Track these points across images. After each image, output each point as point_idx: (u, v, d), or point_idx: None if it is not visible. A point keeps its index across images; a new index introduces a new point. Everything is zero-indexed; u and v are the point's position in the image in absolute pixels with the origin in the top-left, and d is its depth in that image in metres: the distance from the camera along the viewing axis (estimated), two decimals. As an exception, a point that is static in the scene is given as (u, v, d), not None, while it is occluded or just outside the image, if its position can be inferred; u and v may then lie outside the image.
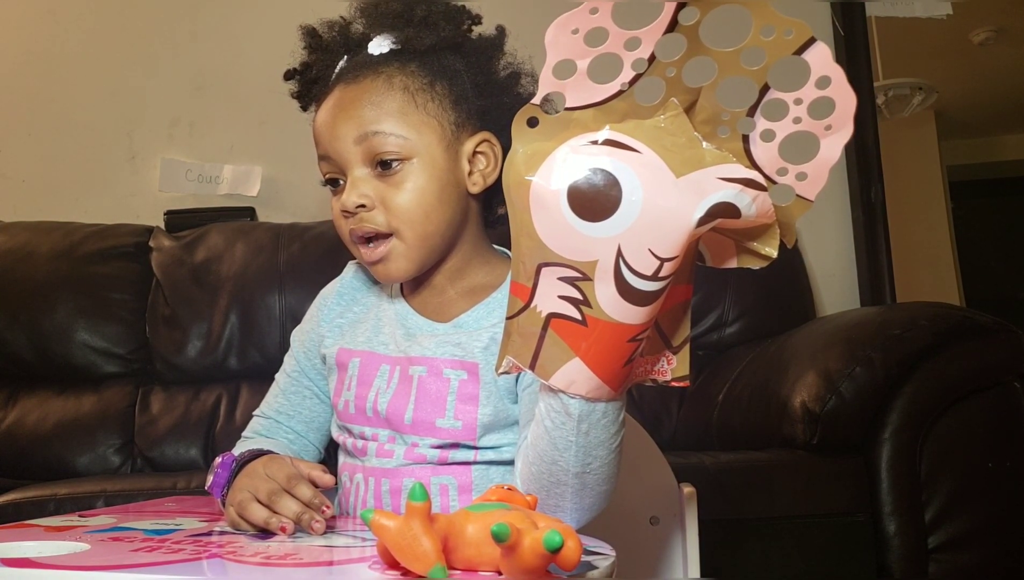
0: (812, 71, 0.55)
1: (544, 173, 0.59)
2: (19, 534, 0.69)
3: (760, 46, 0.55)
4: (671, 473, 1.01)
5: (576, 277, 0.60)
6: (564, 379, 0.62)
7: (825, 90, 0.56)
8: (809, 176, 0.59)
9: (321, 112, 0.90)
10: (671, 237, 0.58)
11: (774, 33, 0.54)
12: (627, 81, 0.58)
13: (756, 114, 0.58)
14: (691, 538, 0.97)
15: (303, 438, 0.97)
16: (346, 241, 0.90)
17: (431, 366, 0.86)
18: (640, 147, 0.58)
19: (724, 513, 1.40)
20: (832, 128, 0.57)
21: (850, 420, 1.48)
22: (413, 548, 0.51)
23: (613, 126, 0.59)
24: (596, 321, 0.60)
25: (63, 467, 1.79)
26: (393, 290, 0.96)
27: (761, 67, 0.56)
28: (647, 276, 0.58)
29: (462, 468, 0.85)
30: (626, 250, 0.58)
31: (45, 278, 1.95)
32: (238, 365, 1.96)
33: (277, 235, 2.02)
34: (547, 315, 0.61)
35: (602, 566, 0.57)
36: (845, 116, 0.57)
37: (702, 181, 0.58)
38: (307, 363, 0.98)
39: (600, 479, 0.69)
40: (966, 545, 1.48)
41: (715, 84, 0.58)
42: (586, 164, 0.58)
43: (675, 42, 0.56)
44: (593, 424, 0.65)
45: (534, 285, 0.61)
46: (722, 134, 0.59)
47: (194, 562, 0.59)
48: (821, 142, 0.58)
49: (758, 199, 0.59)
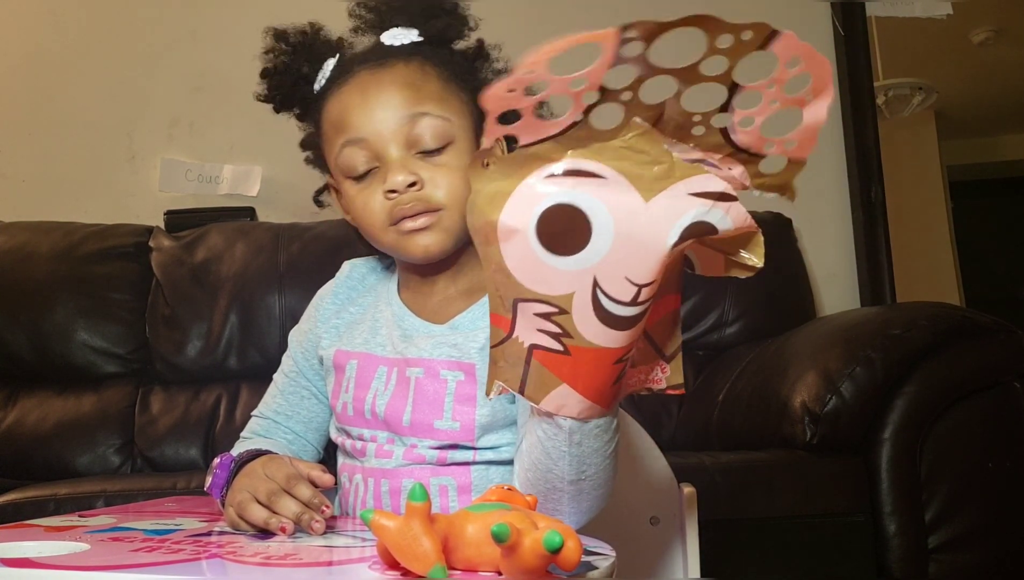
0: (780, 58, 0.53)
1: (509, 212, 0.57)
2: (19, 534, 0.69)
3: (719, 55, 0.53)
4: (671, 473, 1.01)
5: (552, 312, 0.58)
6: (554, 403, 0.62)
7: (796, 68, 0.53)
8: (798, 142, 0.57)
9: (350, 96, 0.87)
10: (646, 263, 0.56)
11: (731, 40, 0.52)
12: (581, 112, 0.56)
13: (730, 108, 0.56)
14: (691, 538, 0.97)
15: (301, 438, 0.97)
16: (378, 230, 0.87)
17: (428, 367, 0.86)
18: (604, 171, 0.56)
19: (724, 513, 1.40)
20: (812, 95, 0.55)
21: (850, 420, 1.48)
22: (413, 548, 0.51)
23: (573, 153, 0.57)
24: (579, 349, 0.59)
25: (63, 467, 1.79)
26: (390, 290, 0.96)
27: (724, 72, 0.54)
28: (626, 302, 0.57)
29: (461, 468, 0.85)
30: (602, 280, 0.57)
31: (45, 278, 1.95)
32: (238, 365, 1.96)
33: (277, 235, 2.02)
34: (529, 346, 0.60)
35: (602, 566, 0.57)
36: (823, 82, 0.54)
37: (673, 201, 0.56)
38: (305, 364, 0.98)
39: (596, 484, 0.69)
40: (966, 545, 1.48)
41: (679, 96, 0.56)
42: (550, 199, 0.56)
43: (623, 72, 0.54)
44: (586, 435, 0.64)
45: (513, 317, 0.60)
46: (697, 133, 0.58)
47: (194, 562, 0.59)
48: (803, 111, 0.56)
49: (731, 210, 0.57)
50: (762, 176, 0.59)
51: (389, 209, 0.85)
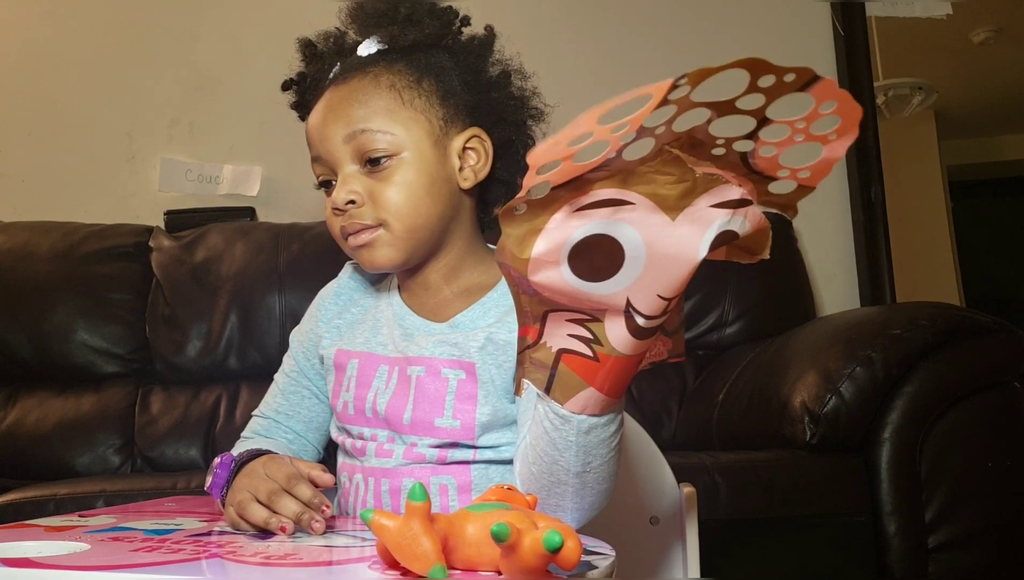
0: (816, 101, 0.53)
1: (540, 248, 0.58)
2: (19, 534, 0.69)
3: (758, 93, 0.53)
4: (671, 473, 1.01)
5: (585, 319, 0.60)
6: (578, 404, 0.64)
7: (830, 110, 0.54)
8: (811, 172, 0.58)
9: (313, 115, 0.91)
10: (677, 279, 0.58)
11: (772, 80, 0.52)
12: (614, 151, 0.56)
13: (755, 137, 0.57)
14: (691, 538, 0.97)
15: (302, 438, 0.98)
16: (337, 239, 0.91)
17: (429, 366, 0.86)
18: (632, 197, 0.57)
19: (724, 513, 1.40)
20: (835, 135, 0.56)
21: (850, 420, 1.48)
22: (413, 548, 0.51)
23: (601, 184, 0.57)
24: (607, 357, 0.61)
25: (63, 467, 1.79)
26: (390, 290, 0.96)
27: (759, 108, 0.54)
28: (656, 316, 0.59)
29: (461, 468, 0.85)
30: (635, 299, 0.58)
31: (45, 278, 1.95)
32: (238, 365, 1.96)
33: (277, 235, 2.02)
34: (558, 351, 0.62)
35: (602, 566, 0.57)
36: (851, 125, 0.55)
37: (697, 215, 0.57)
38: (306, 363, 0.98)
39: (600, 478, 0.70)
40: (966, 545, 1.48)
41: (709, 122, 0.56)
42: (581, 231, 0.57)
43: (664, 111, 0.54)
44: (593, 425, 0.65)
45: (541, 327, 0.62)
46: (717, 153, 0.58)
47: (194, 562, 0.59)
48: (824, 147, 0.57)
49: (750, 214, 0.59)
50: (769, 195, 0.60)
51: (337, 224, 0.89)
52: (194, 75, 2.30)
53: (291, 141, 2.22)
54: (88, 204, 2.21)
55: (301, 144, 0.93)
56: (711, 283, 2.01)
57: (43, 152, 2.27)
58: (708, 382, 1.90)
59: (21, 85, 2.30)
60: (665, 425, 1.93)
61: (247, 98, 2.28)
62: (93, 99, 2.29)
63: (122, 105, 2.29)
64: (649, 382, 1.97)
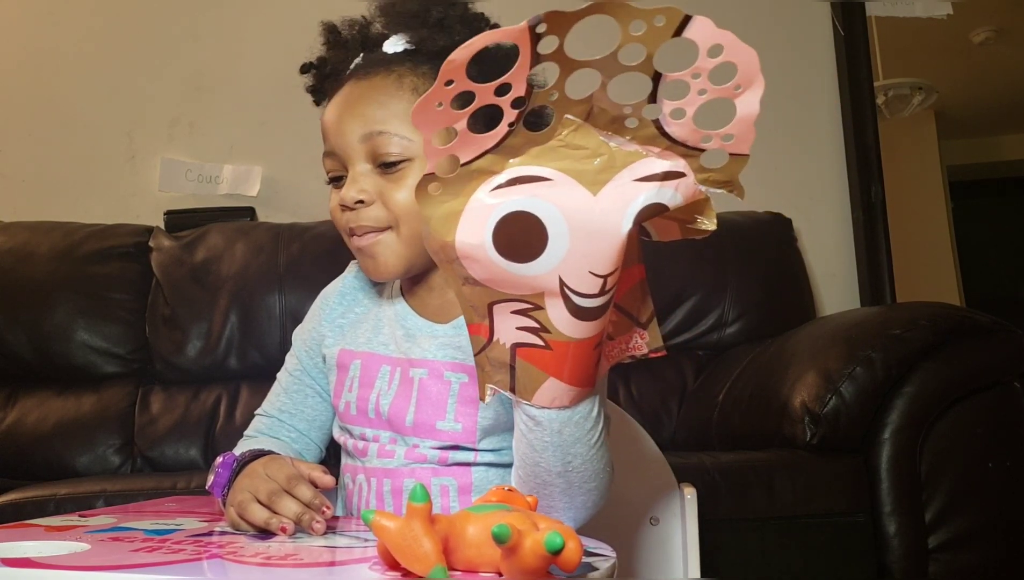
0: (700, 46, 0.53)
1: (464, 230, 0.58)
2: (19, 534, 0.69)
3: (635, 42, 0.53)
4: (671, 473, 1.01)
5: (528, 308, 0.60)
6: (547, 397, 0.63)
7: (720, 57, 0.54)
8: (736, 135, 0.57)
9: (330, 107, 0.90)
10: (606, 254, 0.57)
11: (644, 27, 0.52)
12: (512, 120, 0.56)
13: (658, 98, 0.57)
14: (691, 538, 0.97)
15: (305, 436, 0.98)
16: (342, 231, 0.90)
17: (432, 369, 0.86)
18: (549, 173, 0.57)
19: (724, 513, 1.40)
20: (742, 86, 0.55)
21: (850, 420, 1.48)
22: (414, 549, 0.51)
23: (514, 161, 0.58)
24: (559, 343, 0.60)
25: (63, 467, 1.79)
26: (393, 290, 0.96)
27: (644, 60, 0.54)
28: (594, 294, 0.58)
29: (462, 469, 0.85)
30: (567, 278, 0.58)
31: (45, 278, 1.95)
32: (238, 365, 1.96)
33: (277, 235, 2.02)
34: (512, 346, 0.61)
35: (603, 567, 0.57)
36: (750, 72, 0.54)
37: (620, 190, 0.57)
38: (309, 362, 0.98)
39: (586, 477, 0.70)
40: (966, 545, 1.48)
41: (604, 87, 0.56)
42: (500, 209, 0.57)
43: (546, 70, 0.55)
44: (565, 423, 0.66)
45: (490, 323, 0.61)
46: (631, 125, 0.58)
47: (194, 562, 0.59)
48: (735, 102, 0.56)
49: (680, 186, 0.58)
50: (706, 171, 0.60)
51: (343, 220, 0.88)
52: (194, 75, 2.30)
53: (291, 141, 2.23)
54: (88, 204, 2.21)
55: (301, 144, 0.93)
56: (711, 283, 2.01)
57: (43, 152, 2.27)
58: (708, 382, 1.90)
59: (21, 85, 2.30)
60: (665, 425, 1.93)
61: (247, 98, 2.28)
62: (93, 99, 2.29)
63: (122, 105, 2.28)
64: (649, 382, 1.97)
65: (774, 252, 2.09)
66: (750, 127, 0.57)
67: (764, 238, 2.08)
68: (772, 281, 2.05)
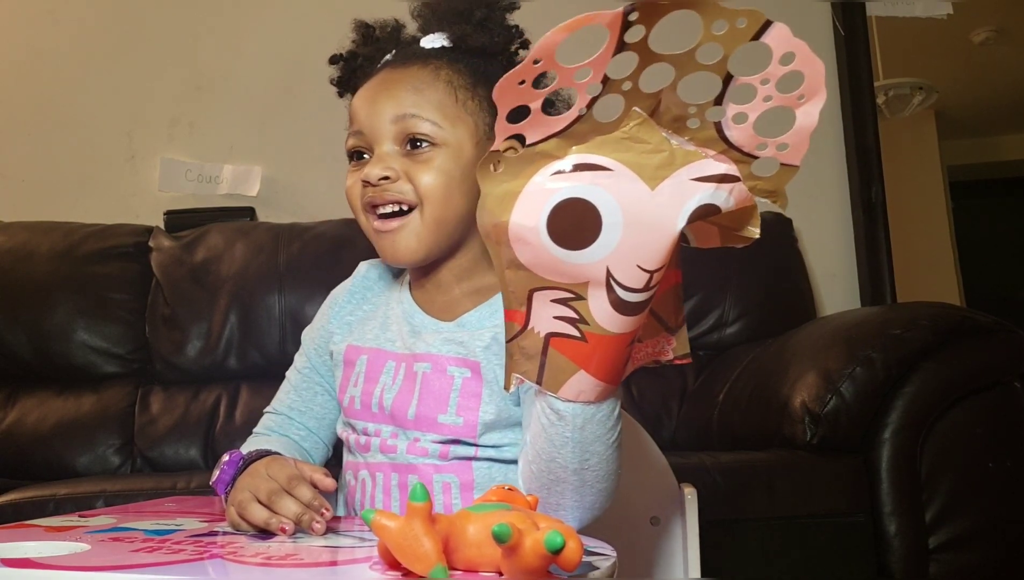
0: (774, 52, 0.54)
1: (520, 212, 0.59)
2: (19, 534, 0.69)
3: (714, 41, 0.54)
4: (671, 473, 1.01)
5: (569, 297, 0.60)
6: (573, 390, 0.63)
7: (790, 65, 0.55)
8: (790, 145, 0.58)
9: (362, 91, 0.91)
10: (657, 250, 0.58)
11: (726, 27, 0.53)
12: (584, 106, 0.57)
13: (724, 101, 0.58)
14: (691, 538, 0.97)
15: (314, 434, 0.98)
16: (358, 213, 0.90)
17: (435, 363, 0.87)
18: (609, 163, 0.58)
19: (724, 513, 1.40)
20: (805, 97, 0.56)
21: (850, 420, 1.48)
22: (414, 548, 0.51)
23: (577, 148, 0.58)
24: (595, 336, 0.60)
25: (63, 467, 1.78)
26: (402, 288, 0.96)
27: (719, 60, 0.55)
28: (639, 289, 0.59)
29: (464, 466, 0.86)
30: (615, 270, 0.58)
31: (45, 278, 1.95)
32: (238, 365, 1.96)
33: (277, 235, 2.02)
34: (546, 335, 0.62)
35: (603, 566, 0.57)
36: (816, 84, 0.55)
37: (678, 187, 0.57)
38: (318, 360, 0.99)
39: (600, 476, 0.70)
40: (967, 545, 1.48)
41: (675, 84, 0.57)
42: (559, 195, 0.57)
43: (626, 60, 0.55)
44: (588, 419, 0.66)
45: (528, 310, 0.62)
46: (692, 125, 0.59)
47: (195, 562, 0.59)
48: (796, 112, 0.57)
49: (734, 190, 0.58)
50: (755, 178, 0.60)
51: (363, 193, 0.89)
52: (194, 75, 2.30)
53: (291, 141, 2.23)
54: (88, 204, 2.21)
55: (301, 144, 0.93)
56: (711, 283, 2.01)
57: (43, 152, 2.27)
58: (708, 382, 1.90)
59: (21, 85, 2.30)
60: (665, 425, 1.93)
61: (247, 98, 2.28)
62: (93, 99, 2.29)
63: (122, 105, 2.28)
64: (649, 382, 1.97)
65: (774, 252, 2.09)
66: (805, 138, 0.58)
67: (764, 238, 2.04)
68: (772, 281, 2.05)
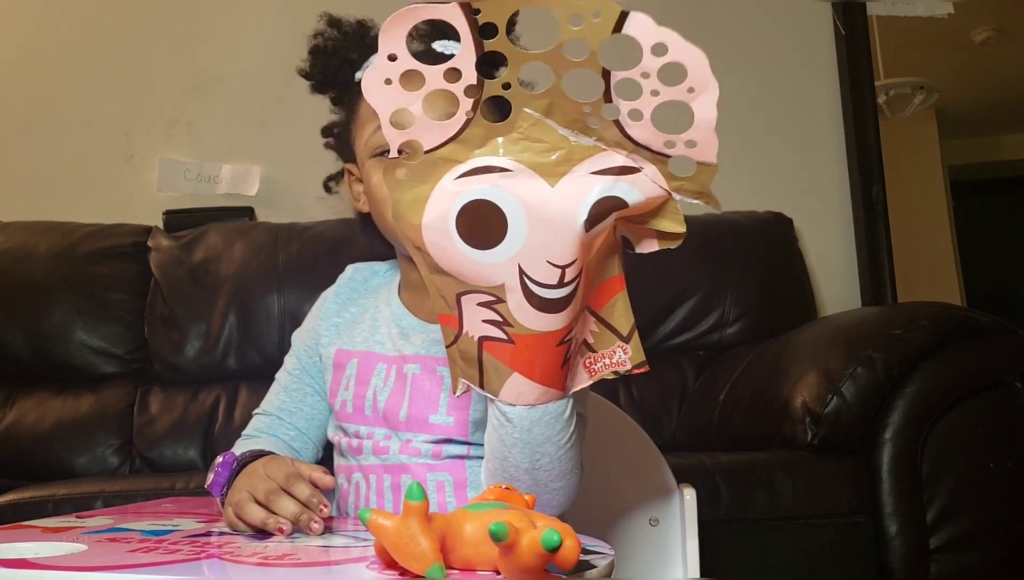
0: (643, 44, 0.54)
1: (429, 215, 0.60)
2: (17, 535, 0.69)
3: (577, 37, 0.54)
4: (671, 474, 1.01)
5: (492, 300, 0.61)
6: (511, 393, 0.64)
7: (665, 56, 0.54)
8: (698, 141, 0.58)
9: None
10: (563, 245, 0.59)
11: (583, 21, 0.53)
12: (469, 108, 0.58)
13: (613, 98, 0.58)
14: (691, 538, 0.96)
15: (304, 435, 0.98)
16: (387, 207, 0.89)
17: (424, 364, 0.88)
18: (508, 164, 0.59)
19: (724, 513, 1.40)
20: (695, 90, 0.55)
21: (851, 420, 1.47)
22: (411, 547, 0.51)
23: (478, 151, 0.59)
24: (521, 337, 0.62)
25: (62, 467, 1.78)
26: (390, 291, 0.97)
27: (589, 56, 0.55)
28: (553, 285, 0.60)
29: (457, 464, 0.86)
30: (526, 267, 0.59)
31: (43, 278, 1.95)
32: (237, 365, 1.95)
33: (276, 235, 2.02)
34: (478, 339, 0.63)
35: (600, 565, 0.57)
36: (701, 75, 0.55)
37: (577, 181, 0.58)
38: (308, 361, 0.99)
39: (553, 475, 0.71)
40: (968, 545, 1.47)
41: (559, 84, 0.58)
42: (463, 198, 0.59)
43: (494, 59, 0.56)
44: (535, 422, 0.67)
45: (459, 314, 0.63)
46: (593, 125, 0.59)
47: (192, 562, 0.59)
48: (692, 106, 0.56)
49: (637, 182, 0.59)
50: (677, 179, 0.61)
51: None
52: (193, 75, 2.30)
53: (290, 141, 2.23)
54: (87, 204, 2.21)
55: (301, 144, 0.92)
56: (711, 283, 2.00)
57: (42, 152, 2.27)
58: (708, 382, 1.90)
59: (20, 85, 2.29)
60: (665, 425, 1.93)
61: (246, 98, 2.28)
62: (92, 99, 2.28)
63: (121, 105, 2.28)
64: (649, 382, 1.96)
65: (775, 252, 2.08)
66: (711, 133, 0.57)
67: (764, 238, 2.08)
68: (773, 281, 2.05)
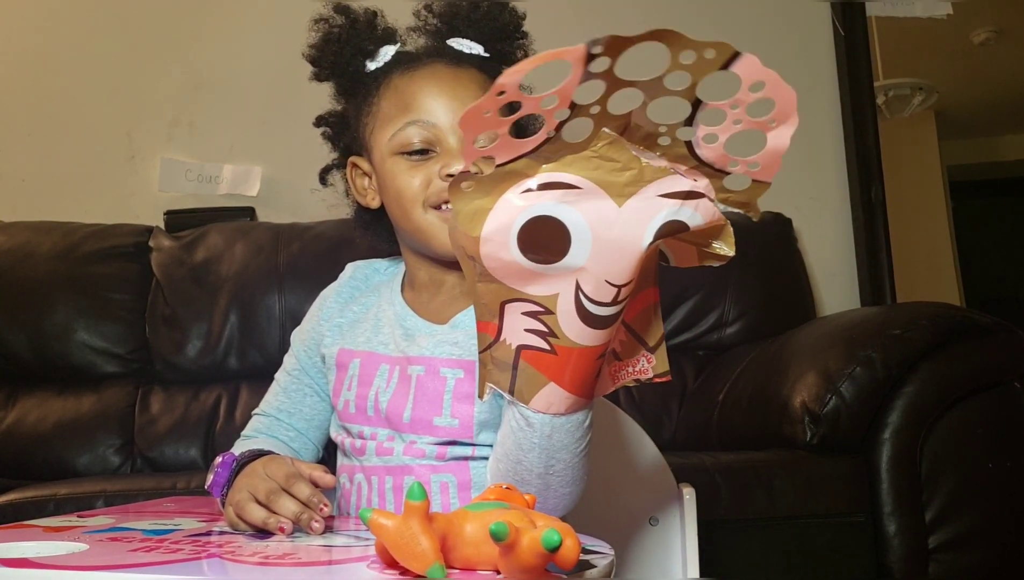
0: (743, 81, 0.54)
1: (490, 227, 0.60)
2: (18, 534, 0.69)
3: (682, 70, 0.54)
4: (671, 474, 1.01)
5: (539, 311, 0.61)
6: (543, 402, 0.64)
7: (760, 93, 0.55)
8: (761, 165, 0.59)
9: (420, 80, 0.90)
10: (624, 265, 0.59)
11: (694, 57, 0.53)
12: (552, 129, 0.58)
13: (695, 123, 0.58)
14: (691, 538, 0.97)
15: (303, 435, 0.98)
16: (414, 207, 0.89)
17: (429, 365, 0.87)
18: (578, 181, 0.59)
19: (724, 513, 1.40)
20: (776, 121, 0.57)
21: (850, 420, 1.47)
22: (411, 547, 0.51)
23: (547, 167, 0.59)
24: (564, 349, 0.62)
25: (63, 467, 1.78)
26: (392, 291, 0.96)
27: (688, 87, 0.56)
28: (607, 303, 0.60)
29: (460, 465, 0.86)
30: (584, 284, 0.60)
31: (45, 278, 1.95)
32: (238, 365, 1.95)
33: (277, 235, 2.02)
34: (517, 347, 0.63)
35: (600, 565, 0.57)
36: (787, 110, 0.56)
37: (644, 203, 0.58)
38: (308, 361, 0.99)
39: (564, 481, 0.71)
40: (967, 545, 1.47)
41: (644, 106, 0.58)
42: (528, 212, 0.59)
43: (593, 87, 0.56)
44: (556, 428, 0.67)
45: (500, 322, 0.63)
46: (664, 143, 0.60)
47: (193, 562, 0.59)
48: (767, 135, 0.57)
49: (700, 207, 0.59)
50: (727, 191, 0.61)
51: (439, 190, 0.88)
52: (194, 75, 2.30)
53: (291, 141, 2.23)
54: (88, 204, 2.21)
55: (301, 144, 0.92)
56: (711, 283, 2.01)
57: (43, 152, 2.27)
58: (708, 382, 1.90)
59: (21, 85, 2.29)
60: (665, 425, 1.93)
61: (247, 98, 2.28)
62: (93, 99, 2.28)
63: (122, 105, 2.28)
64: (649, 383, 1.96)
65: (774, 252, 2.09)
66: (777, 159, 0.58)
67: (764, 238, 2.08)
68: (772, 281, 2.05)
